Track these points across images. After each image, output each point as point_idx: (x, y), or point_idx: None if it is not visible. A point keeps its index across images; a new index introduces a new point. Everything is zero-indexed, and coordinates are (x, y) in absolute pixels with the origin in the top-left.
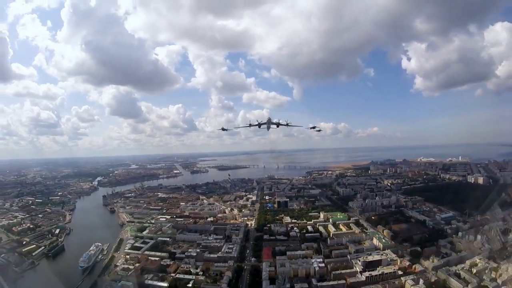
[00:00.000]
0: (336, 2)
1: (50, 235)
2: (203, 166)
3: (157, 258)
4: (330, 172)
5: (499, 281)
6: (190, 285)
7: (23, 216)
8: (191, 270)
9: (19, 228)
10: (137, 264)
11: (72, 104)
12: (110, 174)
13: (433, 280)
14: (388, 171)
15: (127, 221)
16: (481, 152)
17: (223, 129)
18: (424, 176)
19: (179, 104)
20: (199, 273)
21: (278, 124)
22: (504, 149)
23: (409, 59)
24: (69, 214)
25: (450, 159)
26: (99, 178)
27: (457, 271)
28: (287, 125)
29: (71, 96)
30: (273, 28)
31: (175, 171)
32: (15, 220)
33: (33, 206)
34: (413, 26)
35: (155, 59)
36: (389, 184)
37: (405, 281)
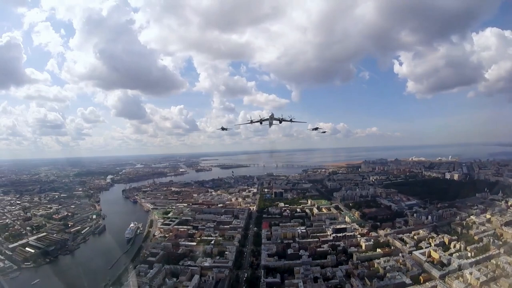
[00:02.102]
0: (328, 18)
1: (89, 219)
2: (206, 165)
3: (185, 229)
4: (324, 170)
5: (432, 244)
6: (212, 242)
7: (57, 207)
8: (212, 234)
9: (59, 216)
10: (170, 233)
11: (79, 106)
12: (120, 173)
13: (381, 241)
14: (377, 169)
15: (151, 208)
16: (474, 151)
17: (222, 129)
18: (408, 174)
19: (181, 105)
20: (218, 236)
21: (281, 120)
22: (498, 149)
23: (400, 63)
24: (98, 205)
25: (439, 158)
26: (110, 176)
27: (401, 237)
28: (290, 120)
29: (78, 98)
30: (272, 41)
31: (180, 170)
32: (51, 210)
33: (62, 200)
34: (399, 38)
35: (163, 66)
36: (373, 180)
37: (360, 239)
